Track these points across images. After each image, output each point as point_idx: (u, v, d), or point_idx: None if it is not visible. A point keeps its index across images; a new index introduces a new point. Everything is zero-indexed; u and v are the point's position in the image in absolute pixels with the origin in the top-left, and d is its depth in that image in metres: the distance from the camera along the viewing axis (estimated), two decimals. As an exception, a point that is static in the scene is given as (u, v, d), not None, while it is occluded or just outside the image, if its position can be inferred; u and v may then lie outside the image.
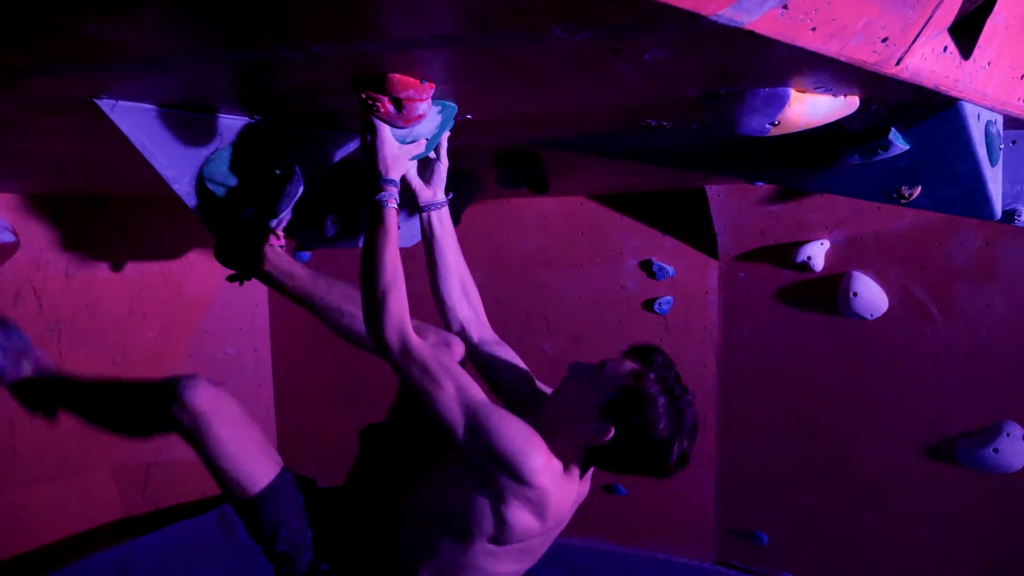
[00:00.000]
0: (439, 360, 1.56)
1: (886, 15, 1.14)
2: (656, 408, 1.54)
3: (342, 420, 4.73)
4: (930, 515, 3.43)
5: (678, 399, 1.57)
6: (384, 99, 1.32)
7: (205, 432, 1.66)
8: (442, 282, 1.85)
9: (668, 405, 1.55)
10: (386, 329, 1.51)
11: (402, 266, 1.54)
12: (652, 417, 1.54)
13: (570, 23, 1.00)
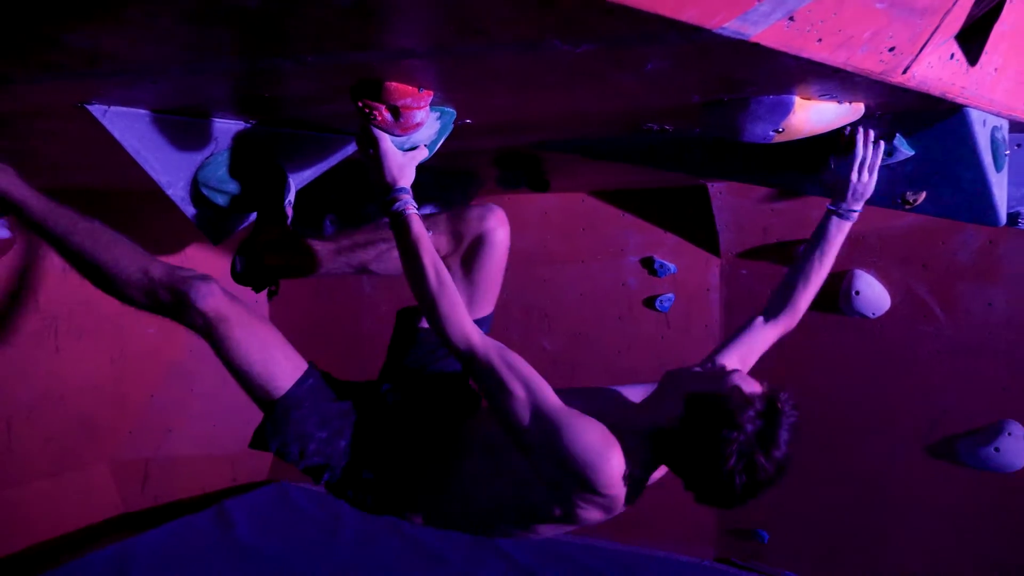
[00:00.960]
0: (506, 361, 1.48)
1: (894, 24, 1.11)
2: (731, 434, 1.38)
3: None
4: (932, 514, 3.42)
5: (762, 450, 1.39)
6: (381, 107, 1.29)
7: (223, 337, 1.62)
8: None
9: (745, 443, 1.38)
10: (449, 334, 1.47)
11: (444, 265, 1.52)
12: (720, 438, 1.38)
13: (572, 36, 0.98)
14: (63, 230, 1.58)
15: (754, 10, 0.94)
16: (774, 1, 0.94)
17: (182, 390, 4.42)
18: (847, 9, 1.03)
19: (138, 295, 1.62)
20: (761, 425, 1.39)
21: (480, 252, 1.87)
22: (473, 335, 1.48)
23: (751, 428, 1.37)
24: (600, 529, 4.06)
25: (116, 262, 1.60)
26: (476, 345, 1.47)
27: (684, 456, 1.45)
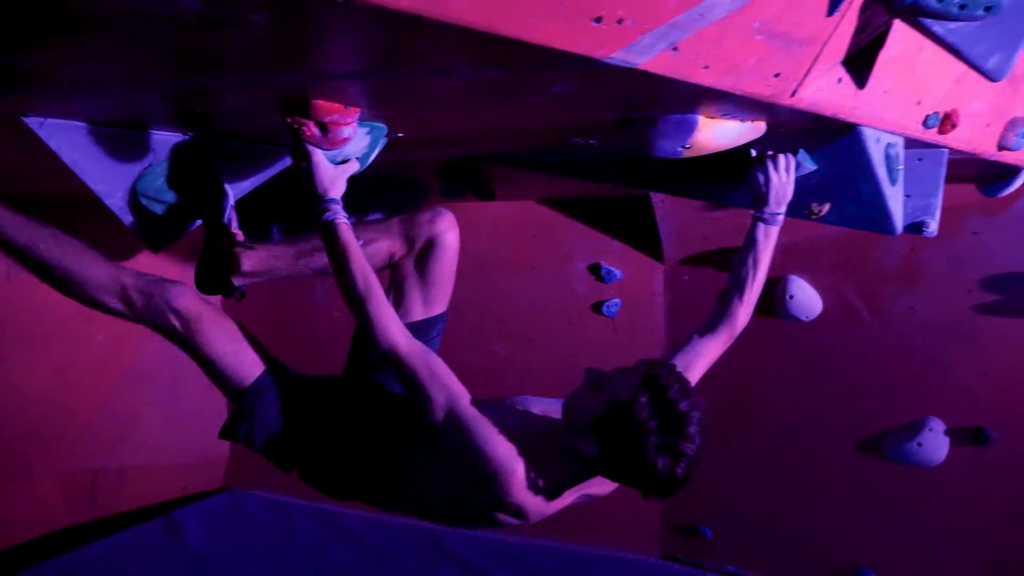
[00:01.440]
0: (429, 366, 1.56)
1: (776, 54, 1.22)
2: (643, 432, 1.42)
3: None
4: (862, 507, 3.58)
5: (672, 425, 1.43)
6: (310, 123, 1.36)
7: (195, 332, 1.70)
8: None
9: (657, 437, 1.43)
10: (376, 337, 1.55)
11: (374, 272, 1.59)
12: (637, 442, 1.42)
13: (478, 64, 1.07)
14: (27, 239, 1.64)
15: (638, 42, 1.03)
16: (657, 34, 1.04)
17: (132, 399, 4.40)
18: (728, 41, 1.13)
19: (111, 300, 1.68)
20: (659, 414, 1.43)
21: (431, 254, 1.96)
22: (399, 338, 1.56)
23: (654, 424, 1.42)
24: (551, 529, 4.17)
25: (85, 270, 1.66)
26: (401, 348, 1.55)
27: (615, 473, 1.52)
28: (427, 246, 1.95)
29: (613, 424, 1.45)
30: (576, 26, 0.95)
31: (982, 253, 3.23)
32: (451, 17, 0.85)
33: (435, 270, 1.97)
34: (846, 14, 1.24)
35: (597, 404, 1.49)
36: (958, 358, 3.31)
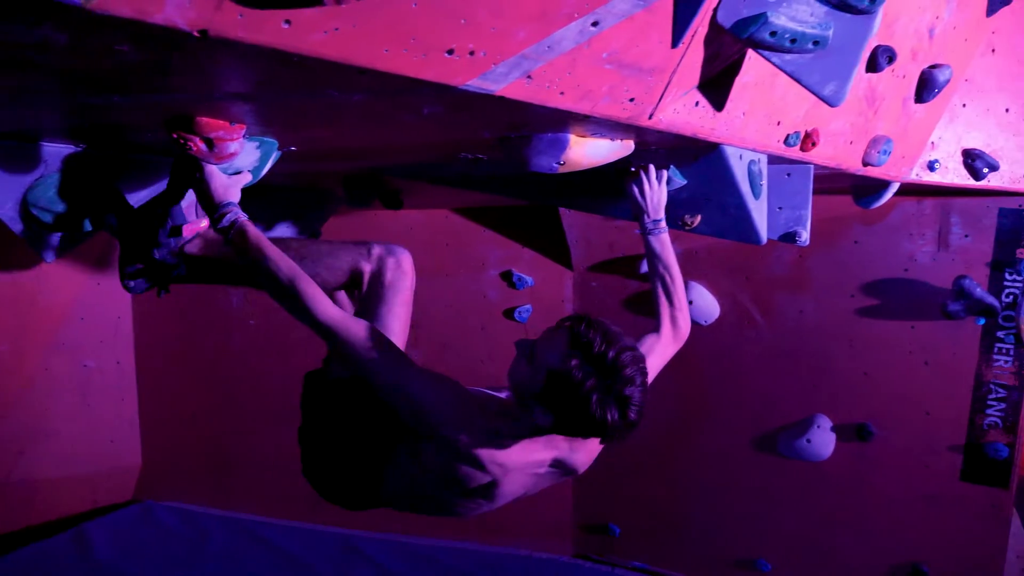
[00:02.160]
0: (363, 337, 1.59)
1: (627, 81, 1.35)
2: (583, 393, 1.47)
3: (210, 433, 4.70)
4: (758, 500, 3.79)
5: (607, 377, 1.48)
6: (195, 139, 1.42)
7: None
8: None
9: (597, 386, 1.47)
10: (315, 316, 1.58)
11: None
12: (582, 402, 1.48)
13: (344, 89, 1.15)
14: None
15: (492, 71, 1.14)
16: (509, 64, 1.15)
17: (36, 410, 4.28)
18: (580, 70, 1.24)
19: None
20: (593, 371, 1.48)
21: (389, 298, 1.95)
22: (333, 312, 1.59)
23: (591, 382, 1.47)
24: (468, 531, 4.25)
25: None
26: (337, 321, 1.59)
27: (575, 432, 1.57)
28: (379, 287, 1.95)
29: (555, 393, 1.51)
30: (429, 57, 1.05)
31: (862, 260, 3.47)
32: (307, 50, 0.93)
33: (396, 316, 1.97)
34: (691, 45, 1.38)
35: (535, 376, 1.54)
36: (842, 359, 3.55)
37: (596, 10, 1.15)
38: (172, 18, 0.81)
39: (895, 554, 3.56)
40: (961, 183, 3.02)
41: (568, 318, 1.58)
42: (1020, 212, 3.19)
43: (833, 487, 3.63)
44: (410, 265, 1.98)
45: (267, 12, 0.86)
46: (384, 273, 1.93)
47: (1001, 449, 3.26)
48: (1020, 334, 3.21)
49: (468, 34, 1.05)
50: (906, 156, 2.85)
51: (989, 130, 3.03)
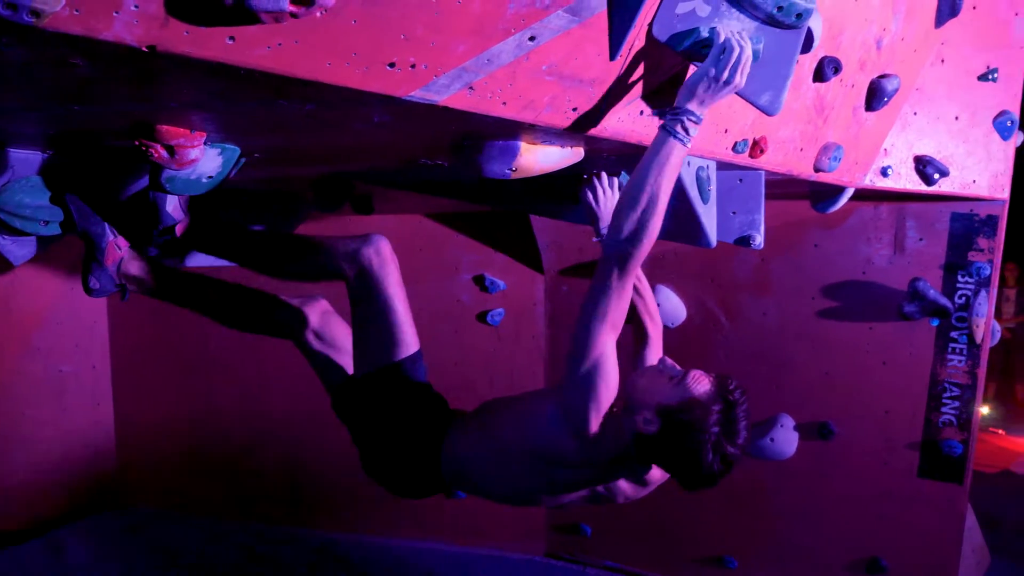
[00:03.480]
0: (628, 295, 1.62)
1: (569, 92, 1.42)
2: (703, 437, 1.58)
3: (186, 438, 4.72)
4: (725, 499, 3.87)
5: (729, 442, 1.60)
6: (157, 146, 1.47)
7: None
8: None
9: (716, 441, 1.59)
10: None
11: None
12: (696, 443, 1.59)
13: (293, 99, 1.21)
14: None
15: (434, 83, 1.21)
16: (451, 76, 1.22)
17: (11, 416, 4.29)
18: (520, 81, 1.32)
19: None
20: (723, 422, 1.60)
21: (383, 286, 2.05)
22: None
23: (717, 430, 1.59)
24: (442, 532, 4.30)
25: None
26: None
27: (667, 458, 1.67)
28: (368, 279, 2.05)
29: (683, 415, 1.61)
30: (371, 70, 1.11)
31: (822, 264, 3.58)
32: (252, 64, 1.00)
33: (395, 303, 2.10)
34: (629, 58, 1.45)
35: (670, 393, 1.65)
36: (803, 359, 3.64)
37: (532, 26, 1.22)
38: (121, 35, 0.88)
39: (856, 549, 3.65)
40: (913, 188, 3.12)
41: (725, 376, 1.71)
42: (971, 216, 3.30)
43: (796, 484, 3.72)
44: (389, 250, 2.08)
45: (212, 29, 0.92)
46: (369, 267, 2.01)
47: (956, 446, 3.36)
48: (973, 334, 3.31)
49: (408, 48, 1.12)
50: (859, 162, 2.95)
51: (940, 137, 3.14)
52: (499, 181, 2.08)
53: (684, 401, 1.63)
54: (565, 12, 1.23)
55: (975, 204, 3.29)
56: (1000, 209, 3.27)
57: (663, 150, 1.49)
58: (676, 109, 1.49)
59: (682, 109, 1.48)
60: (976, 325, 3.29)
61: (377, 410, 1.97)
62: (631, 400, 1.72)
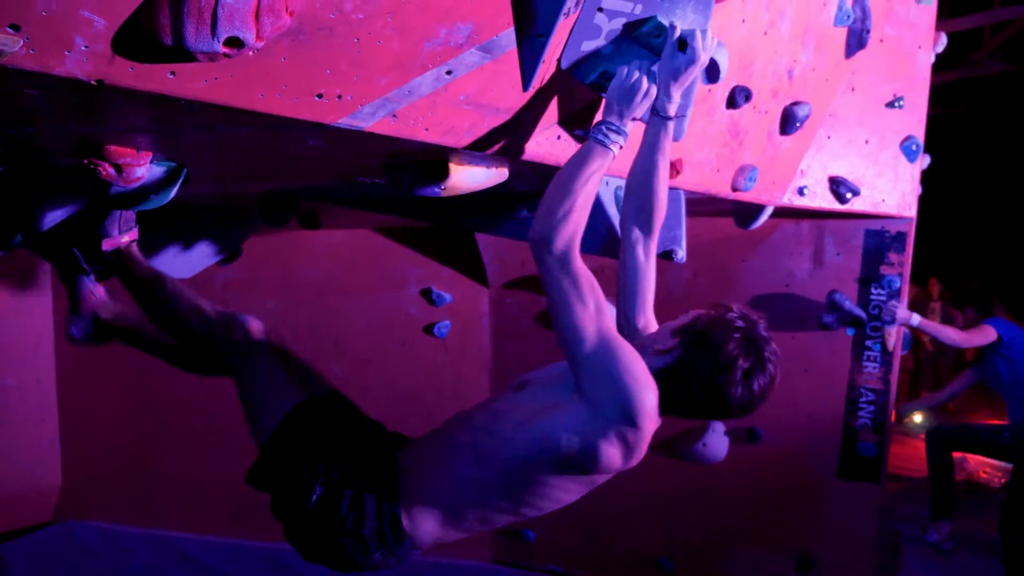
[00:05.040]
0: (590, 279, 1.57)
1: (486, 119, 1.58)
2: (730, 366, 1.48)
3: (133, 451, 4.72)
4: (661, 503, 4.04)
5: (755, 333, 1.52)
6: (104, 164, 1.58)
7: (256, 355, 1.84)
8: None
9: (743, 335, 1.50)
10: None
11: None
12: (722, 338, 1.49)
13: (231, 124, 1.34)
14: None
15: (360, 111, 1.35)
16: (375, 105, 1.36)
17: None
18: (440, 110, 1.47)
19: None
20: (745, 343, 1.50)
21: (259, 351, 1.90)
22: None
23: (738, 335, 1.50)
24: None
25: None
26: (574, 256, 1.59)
27: (691, 382, 1.52)
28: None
29: (706, 341, 1.51)
30: (301, 100, 1.25)
31: (748, 277, 3.79)
32: (191, 95, 1.13)
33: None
34: (542, 88, 1.61)
35: (683, 318, 1.59)
36: (733, 367, 3.84)
37: (448, 61, 1.37)
38: (72, 71, 1.00)
39: (785, 546, 3.84)
40: (828, 207, 3.36)
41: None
42: (882, 233, 3.56)
43: (728, 487, 3.91)
44: (258, 327, 1.92)
45: (154, 66, 1.05)
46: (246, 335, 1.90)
47: (871, 448, 3.59)
48: (885, 342, 3.56)
49: (334, 81, 1.26)
50: (776, 182, 3.17)
51: (852, 159, 3.39)
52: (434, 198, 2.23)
53: (706, 324, 1.55)
54: (478, 50, 1.39)
55: (886, 221, 3.55)
56: (908, 226, 3.53)
57: (584, 150, 1.60)
58: (600, 120, 1.62)
59: (604, 120, 1.61)
60: (888, 334, 3.53)
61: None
62: (644, 344, 1.61)
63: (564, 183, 1.57)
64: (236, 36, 1.02)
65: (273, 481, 1.76)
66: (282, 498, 1.74)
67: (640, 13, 1.54)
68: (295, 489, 1.69)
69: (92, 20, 0.97)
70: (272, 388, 1.81)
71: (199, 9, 0.98)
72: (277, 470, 1.75)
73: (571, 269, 1.55)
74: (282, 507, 1.75)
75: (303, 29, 1.14)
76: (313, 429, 1.76)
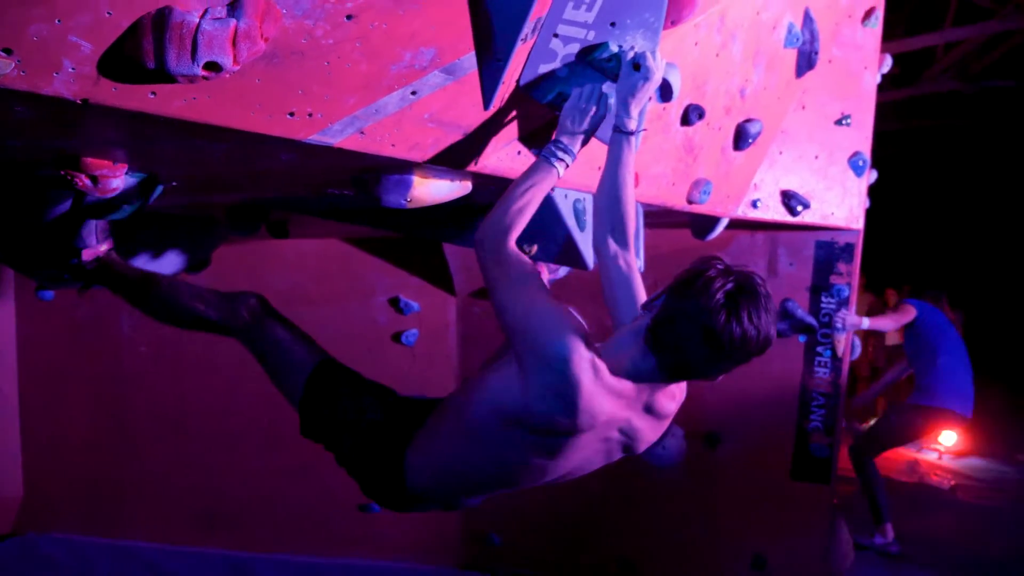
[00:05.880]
0: (520, 261, 1.68)
1: (450, 136, 1.67)
2: (710, 277, 1.49)
3: (97, 461, 4.70)
4: (624, 506, 4.15)
5: (738, 271, 1.52)
6: (81, 175, 1.64)
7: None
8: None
9: (726, 268, 1.52)
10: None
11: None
12: (704, 283, 1.48)
13: (209, 141, 1.42)
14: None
15: (329, 128, 1.43)
16: (344, 122, 1.45)
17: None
18: (406, 127, 1.56)
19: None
20: (731, 287, 1.49)
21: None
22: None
23: (729, 287, 1.49)
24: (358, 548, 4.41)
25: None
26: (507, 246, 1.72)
27: (677, 323, 1.52)
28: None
29: (685, 278, 1.54)
30: (274, 118, 1.34)
31: (706, 286, 3.92)
32: (170, 114, 1.21)
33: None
34: (502, 107, 1.71)
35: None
36: (692, 373, 3.97)
37: (413, 83, 1.47)
38: (59, 91, 1.07)
39: (741, 546, 3.98)
40: (780, 219, 3.51)
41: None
42: (832, 244, 3.72)
43: (687, 489, 4.03)
44: (256, 304, 2.16)
45: (136, 86, 1.13)
46: (247, 325, 2.13)
47: (823, 449, 3.74)
48: (835, 349, 3.72)
49: (306, 101, 1.35)
50: (731, 195, 3.31)
51: (803, 174, 3.55)
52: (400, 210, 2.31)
53: (685, 271, 1.56)
54: (441, 72, 1.48)
55: (835, 233, 3.72)
56: (856, 238, 3.70)
57: (531, 167, 1.74)
58: (553, 140, 1.73)
59: (555, 139, 1.73)
60: (838, 340, 3.69)
61: (333, 425, 1.98)
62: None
63: (507, 194, 1.70)
64: (214, 61, 1.10)
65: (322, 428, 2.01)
66: (334, 441, 1.99)
67: (593, 39, 1.65)
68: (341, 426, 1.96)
69: (80, 44, 1.04)
70: (288, 356, 2.10)
71: (180, 36, 1.06)
72: (324, 419, 2.01)
73: (501, 258, 1.68)
74: (339, 448, 1.98)
75: (277, 53, 1.22)
76: (339, 386, 2.04)
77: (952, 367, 4.44)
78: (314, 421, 2.02)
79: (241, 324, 2.12)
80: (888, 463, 6.51)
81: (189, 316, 2.15)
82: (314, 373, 2.07)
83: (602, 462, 1.84)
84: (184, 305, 2.14)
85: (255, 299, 2.17)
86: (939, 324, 4.51)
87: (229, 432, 4.46)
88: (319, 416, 2.01)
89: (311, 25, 1.22)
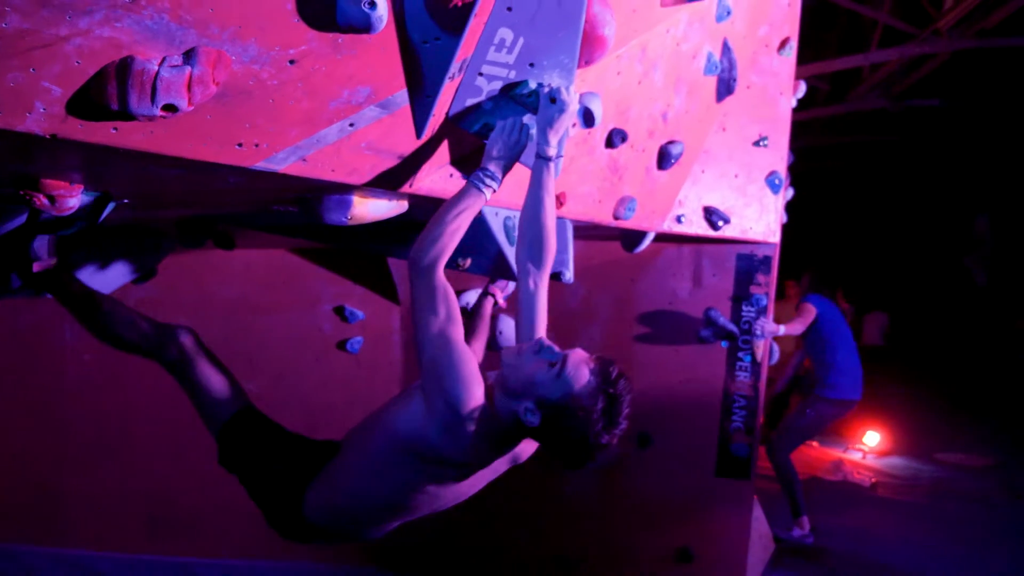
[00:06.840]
0: (446, 292, 1.81)
1: (386, 161, 1.84)
2: (588, 430, 1.71)
3: (41, 470, 4.69)
4: (560, 510, 4.34)
5: (611, 425, 1.74)
6: (39, 195, 1.75)
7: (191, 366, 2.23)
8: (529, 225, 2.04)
9: (597, 432, 1.72)
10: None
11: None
12: (582, 434, 1.71)
13: (159, 166, 1.56)
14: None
15: (274, 157, 1.59)
16: (288, 151, 1.61)
17: None
18: (344, 154, 1.73)
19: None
20: (605, 416, 1.74)
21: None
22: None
23: (600, 426, 1.74)
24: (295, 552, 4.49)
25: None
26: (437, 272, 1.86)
27: (548, 444, 1.79)
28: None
29: (566, 413, 1.71)
30: (223, 148, 1.49)
31: (637, 295, 4.17)
32: (130, 146, 1.36)
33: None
34: (434, 136, 1.89)
35: (551, 387, 1.74)
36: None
37: (351, 116, 1.64)
38: (31, 127, 1.22)
39: (670, 540, 4.21)
40: (703, 233, 3.77)
41: (606, 362, 1.85)
42: (751, 257, 4.00)
43: (620, 487, 4.25)
44: (190, 341, 2.32)
45: (99, 123, 1.28)
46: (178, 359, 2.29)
47: (743, 448, 4.00)
48: (755, 354, 3.99)
49: (252, 133, 1.51)
50: (656, 211, 3.55)
51: (723, 191, 3.81)
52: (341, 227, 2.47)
53: (566, 396, 1.71)
54: (376, 106, 1.66)
55: (754, 247, 3.99)
56: (772, 251, 3.99)
57: (461, 191, 1.90)
58: (480, 167, 1.91)
59: (482, 166, 1.91)
60: (757, 346, 3.97)
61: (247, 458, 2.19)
62: (508, 384, 1.79)
63: (439, 216, 1.86)
64: (171, 103, 1.26)
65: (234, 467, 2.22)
66: (243, 479, 2.20)
67: (514, 77, 1.84)
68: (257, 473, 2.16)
69: (51, 89, 1.19)
70: (210, 396, 2.26)
71: (141, 82, 1.21)
72: (236, 461, 2.21)
73: (430, 282, 1.83)
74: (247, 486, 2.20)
75: (227, 93, 1.38)
76: (252, 435, 2.22)
77: (847, 359, 5.02)
78: (228, 459, 2.23)
79: (170, 359, 2.28)
80: (814, 462, 6.89)
81: (121, 342, 2.32)
82: (231, 421, 2.23)
83: (491, 479, 2.04)
84: (117, 333, 2.30)
85: (187, 336, 2.31)
86: (834, 320, 5.03)
87: (173, 439, 4.51)
88: (232, 457, 2.22)
89: (258, 69, 1.39)
